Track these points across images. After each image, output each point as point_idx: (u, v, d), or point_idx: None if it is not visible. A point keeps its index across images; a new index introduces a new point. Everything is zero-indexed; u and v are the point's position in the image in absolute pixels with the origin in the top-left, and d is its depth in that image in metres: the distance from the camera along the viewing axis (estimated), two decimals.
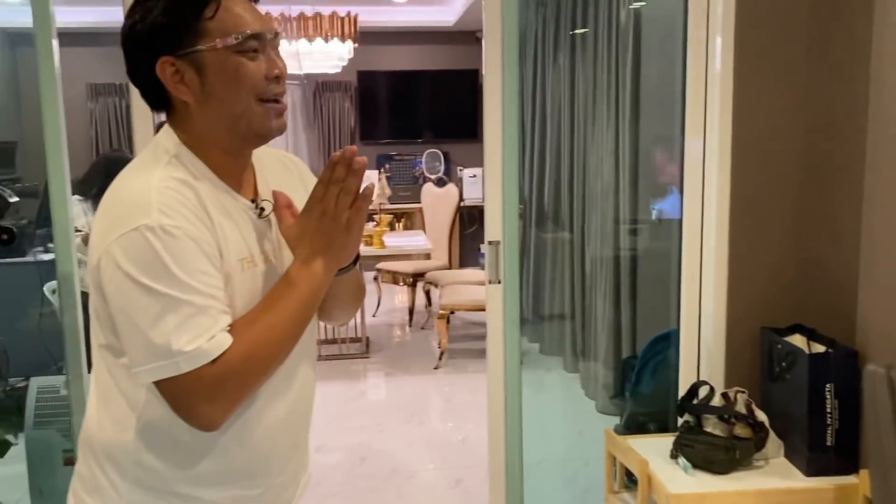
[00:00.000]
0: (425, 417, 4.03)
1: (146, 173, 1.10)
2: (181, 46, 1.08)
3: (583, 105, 3.99)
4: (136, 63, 1.12)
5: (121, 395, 1.16)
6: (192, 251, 1.05)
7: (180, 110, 1.14)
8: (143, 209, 1.04)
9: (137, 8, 1.11)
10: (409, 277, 5.80)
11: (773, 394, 2.34)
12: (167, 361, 1.03)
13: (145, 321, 1.03)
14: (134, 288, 1.03)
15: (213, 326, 1.05)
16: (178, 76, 1.10)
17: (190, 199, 1.08)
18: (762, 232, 2.42)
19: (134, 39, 1.11)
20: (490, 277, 2.55)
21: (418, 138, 7.67)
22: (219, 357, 1.04)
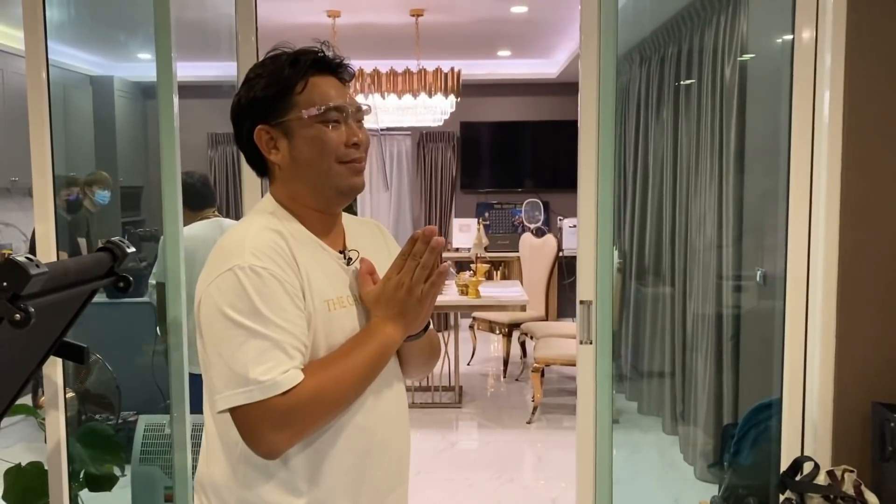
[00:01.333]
0: (516, 474, 3.97)
1: (246, 226, 1.26)
2: (275, 116, 1.25)
3: (686, 159, 3.91)
4: (240, 131, 1.30)
5: (221, 435, 1.26)
6: (276, 290, 1.17)
7: (275, 173, 1.30)
8: (238, 252, 1.18)
9: (245, 85, 1.29)
10: (505, 327, 5.78)
11: (886, 475, 2.17)
12: (243, 389, 1.13)
13: (227, 351, 1.15)
14: (221, 321, 1.15)
15: (288, 361, 1.15)
16: (272, 142, 1.26)
17: (279, 246, 1.21)
18: (873, 298, 2.29)
19: (239, 111, 1.29)
20: (581, 338, 2.51)
21: (518, 187, 7.72)
22: (289, 390, 1.14)
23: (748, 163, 3.25)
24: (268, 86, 1.24)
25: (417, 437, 4.46)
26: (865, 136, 2.25)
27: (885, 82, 2.24)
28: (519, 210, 7.62)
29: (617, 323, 4.79)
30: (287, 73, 1.24)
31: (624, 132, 4.80)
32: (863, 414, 2.29)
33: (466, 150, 7.68)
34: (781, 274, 2.47)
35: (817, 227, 2.34)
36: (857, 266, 2.28)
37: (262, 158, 1.29)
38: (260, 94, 1.25)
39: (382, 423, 1.34)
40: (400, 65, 5.16)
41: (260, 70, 1.27)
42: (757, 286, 3.13)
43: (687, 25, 3.89)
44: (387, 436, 1.36)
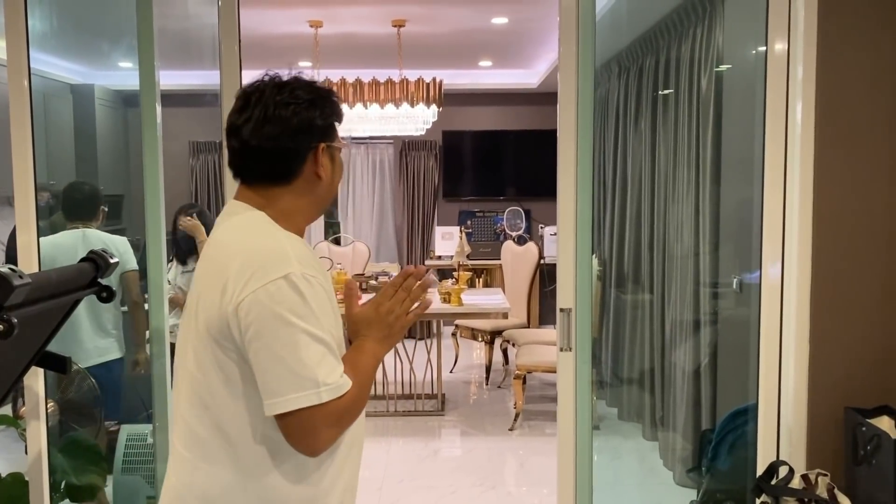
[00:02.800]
0: (498, 480, 3.99)
1: (268, 234, 1.34)
2: (331, 139, 1.43)
3: (664, 168, 3.97)
4: (298, 144, 1.38)
5: (235, 440, 1.31)
6: (322, 298, 1.29)
7: (300, 186, 1.40)
8: (285, 260, 1.26)
9: (315, 105, 1.40)
10: (487, 335, 5.82)
11: (858, 479, 2.23)
12: (313, 391, 1.23)
13: (292, 356, 1.22)
14: (282, 326, 1.22)
15: (339, 365, 1.29)
16: (325, 159, 1.41)
17: (311, 254, 1.38)
18: (846, 307, 2.34)
19: (311, 128, 1.39)
20: (561, 345, 2.55)
21: (500, 195, 7.77)
22: (344, 393, 1.27)
23: (724, 172, 3.31)
24: (335, 113, 1.43)
25: (400, 445, 4.49)
26: (836, 146, 2.31)
27: (855, 93, 2.30)
28: (501, 218, 7.66)
29: (597, 330, 4.84)
30: (338, 107, 1.45)
31: (603, 141, 4.86)
32: (836, 419, 2.34)
33: (449, 158, 7.72)
34: (757, 281, 2.53)
35: (791, 235, 2.39)
36: (830, 274, 2.34)
37: (291, 168, 1.38)
38: (331, 120, 1.42)
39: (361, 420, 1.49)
40: (382, 74, 5.19)
41: (331, 96, 1.44)
42: (734, 293, 3.19)
43: (664, 37, 3.96)
44: (361, 430, 1.52)
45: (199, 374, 1.31)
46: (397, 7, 4.83)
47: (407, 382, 5.34)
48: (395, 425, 4.89)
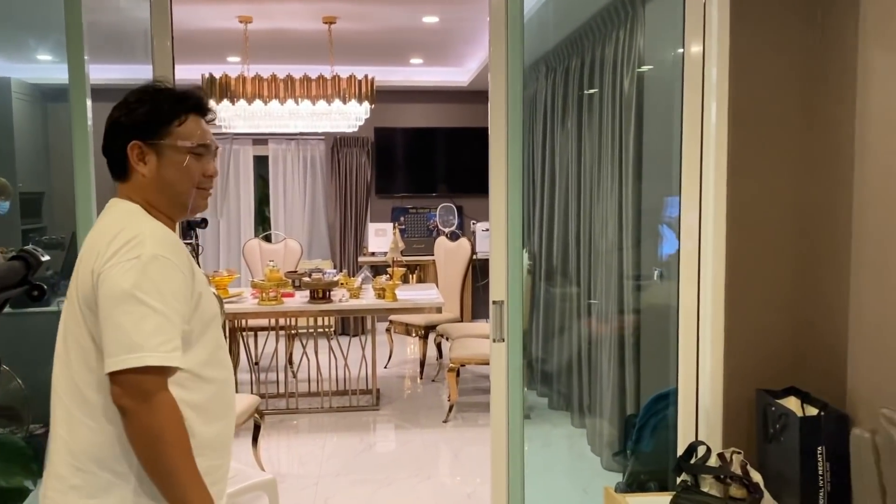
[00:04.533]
0: (433, 471, 4.07)
1: (133, 222, 1.46)
2: (150, 137, 1.51)
3: (589, 166, 4.12)
4: (113, 142, 1.53)
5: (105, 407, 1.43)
6: (174, 279, 1.42)
7: (137, 180, 1.53)
8: (141, 244, 1.40)
9: (125, 107, 1.54)
10: (421, 329, 5.89)
11: (768, 455, 2.39)
12: (138, 354, 1.34)
13: (129, 324, 1.36)
14: (127, 298, 1.36)
15: (175, 341, 1.39)
16: (142, 156, 1.52)
17: (172, 237, 1.49)
18: (758, 297, 2.50)
19: (118, 128, 1.53)
20: (494, 336, 2.64)
21: (433, 192, 7.85)
22: (165, 400, 1.37)
23: (646, 169, 3.46)
24: (150, 112, 1.52)
25: (335, 441, 4.51)
26: (749, 144, 2.47)
27: (766, 93, 2.46)
28: (434, 214, 7.74)
29: (527, 322, 4.97)
30: (170, 107, 1.53)
31: (533, 139, 4.99)
32: (748, 400, 2.50)
33: (381, 155, 7.75)
34: (676, 273, 2.67)
35: (707, 229, 2.54)
36: (743, 266, 2.50)
37: (124, 166, 1.53)
38: (142, 118, 1.51)
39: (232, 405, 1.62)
40: (314, 71, 5.19)
41: (143, 97, 1.54)
42: (655, 285, 3.34)
43: (589, 38, 4.10)
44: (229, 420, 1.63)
45: (76, 344, 1.45)
46: (328, 4, 4.83)
47: (341, 378, 5.37)
48: (329, 421, 4.91)
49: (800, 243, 2.49)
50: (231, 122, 5.31)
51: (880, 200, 2.09)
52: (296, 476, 3.97)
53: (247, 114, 5.15)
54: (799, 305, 2.50)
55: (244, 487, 2.72)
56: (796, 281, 2.50)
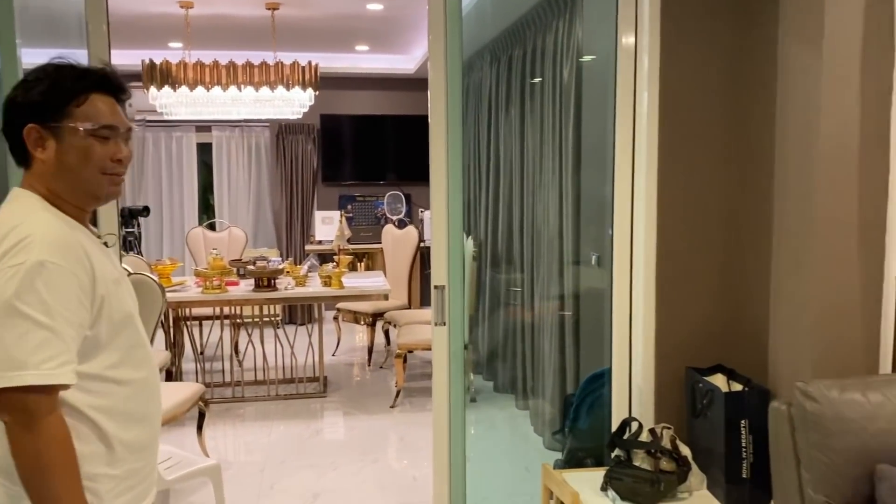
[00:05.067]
0: (380, 455, 4.12)
1: (26, 219, 1.33)
2: (48, 119, 1.38)
3: (532, 154, 4.20)
4: (11, 124, 1.40)
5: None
6: (64, 285, 1.29)
7: (37, 167, 1.41)
8: (27, 248, 1.28)
9: (22, 85, 1.41)
10: (369, 317, 5.92)
11: (696, 430, 2.51)
12: (16, 373, 1.24)
13: (10, 338, 1.25)
14: (8, 310, 1.25)
15: (65, 355, 1.28)
16: (41, 141, 1.39)
17: (70, 236, 1.34)
18: (687, 279, 2.62)
19: (14, 108, 1.40)
20: (436, 320, 2.69)
21: (381, 180, 7.86)
22: (54, 390, 1.28)
23: (585, 157, 3.55)
24: (47, 91, 1.38)
25: (281, 429, 4.52)
26: (679, 133, 2.57)
27: (695, 83, 2.55)
28: (381, 202, 7.75)
29: (473, 308, 5.05)
30: (70, 85, 1.39)
31: (478, 127, 5.05)
32: (678, 378, 2.62)
33: (327, 142, 7.72)
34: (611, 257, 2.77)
35: (639, 216, 2.64)
36: (673, 250, 2.60)
37: (25, 151, 1.40)
38: (38, 98, 1.38)
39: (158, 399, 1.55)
40: (257, 57, 5.14)
41: (41, 75, 1.40)
42: (593, 269, 3.44)
43: (531, 28, 4.17)
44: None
45: None
46: None
47: (288, 367, 5.37)
48: (276, 409, 4.91)
49: (726, 230, 2.60)
50: (173, 109, 5.24)
51: (796, 191, 2.21)
52: (242, 463, 3.98)
53: (189, 100, 5.08)
54: (725, 289, 2.62)
55: (187, 474, 2.73)
56: (723, 266, 2.62)
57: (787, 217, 2.26)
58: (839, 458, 1.84)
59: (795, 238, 2.22)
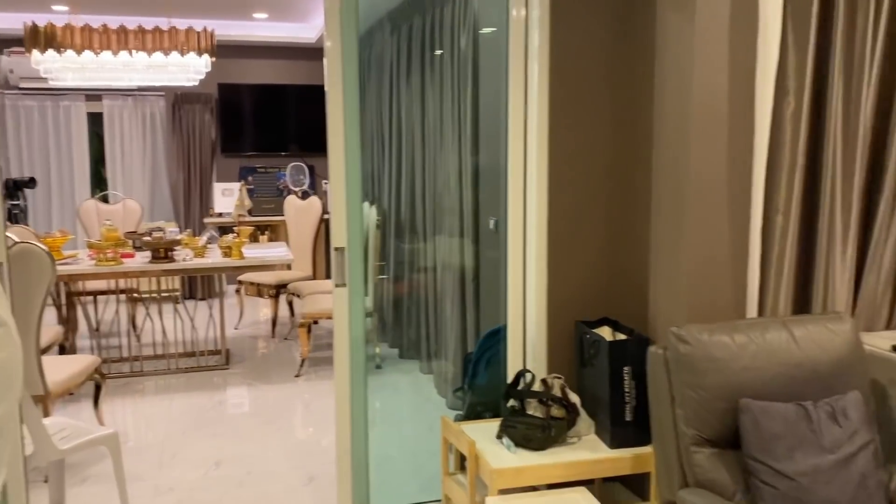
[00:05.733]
0: (284, 424, 4.13)
1: None
2: None
3: (432, 123, 4.26)
4: None
5: None
6: None
7: None
8: None
9: None
10: (272, 289, 5.87)
11: (585, 378, 2.66)
12: None
13: None
14: None
15: None
16: None
17: None
18: (575, 240, 2.76)
19: None
20: (336, 281, 2.73)
21: (283, 151, 7.74)
22: None
23: (483, 125, 3.64)
24: None
25: (182, 401, 4.46)
26: (567, 101, 2.69)
27: (581, 52, 2.67)
28: (283, 174, 7.65)
29: (377, 275, 5.10)
30: None
31: (380, 98, 5.06)
32: (568, 331, 2.76)
33: (226, 112, 7.53)
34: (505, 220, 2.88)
35: (531, 179, 2.75)
36: (562, 213, 2.73)
37: None
38: None
39: None
40: (149, 23, 4.96)
41: None
42: (491, 234, 3.55)
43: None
44: None
45: None
46: None
47: (189, 341, 5.27)
48: (177, 383, 4.83)
49: (611, 191, 2.76)
50: (59, 75, 4.99)
51: (673, 151, 2.36)
52: (141, 435, 3.91)
53: (76, 66, 4.85)
54: (611, 247, 2.78)
55: (82, 443, 2.67)
56: (609, 225, 2.77)
57: (665, 175, 2.42)
58: (708, 394, 2.02)
59: (672, 195, 2.38)
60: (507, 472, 2.33)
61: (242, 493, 3.23)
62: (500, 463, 2.36)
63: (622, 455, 2.43)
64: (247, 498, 3.19)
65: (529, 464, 2.37)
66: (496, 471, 2.32)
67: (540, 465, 2.37)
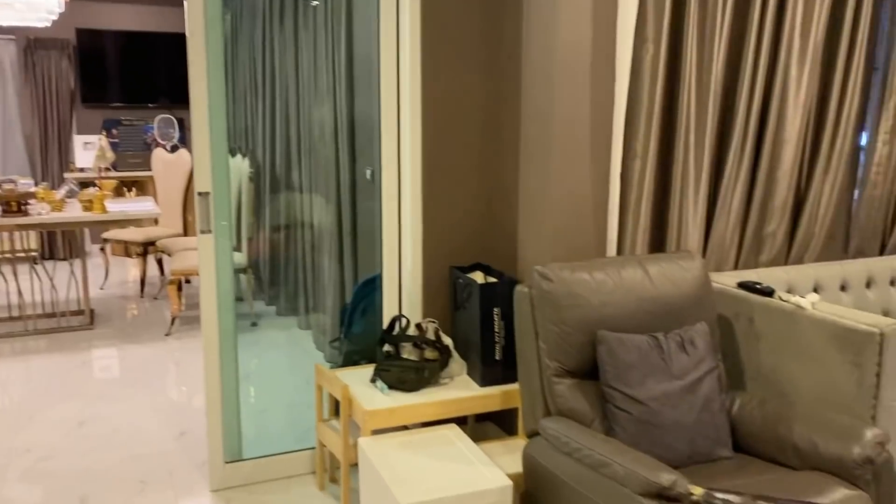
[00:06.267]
0: (154, 383, 3.98)
1: None
2: None
3: (306, 73, 4.15)
4: None
5: None
6: None
7: None
8: None
9: None
10: (140, 247, 5.59)
11: (458, 321, 2.72)
12: None
13: None
14: None
15: None
16: None
17: None
18: (449, 188, 2.78)
19: None
20: (201, 227, 2.63)
21: (151, 103, 7.33)
22: None
23: (357, 74, 3.58)
24: None
25: (41, 364, 4.20)
26: (439, 47, 2.68)
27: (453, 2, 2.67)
28: (151, 127, 7.26)
29: (254, 232, 4.97)
30: None
31: (252, 46, 4.87)
32: (443, 276, 2.80)
33: (87, 60, 7.02)
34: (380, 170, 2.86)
35: (404, 128, 2.74)
36: (437, 160, 2.75)
37: None
38: None
39: None
40: None
41: None
42: (368, 184, 3.53)
43: None
44: None
45: None
46: None
47: (49, 302, 4.96)
48: (35, 345, 4.54)
49: (484, 140, 2.79)
50: None
51: (539, 98, 2.42)
52: None
53: None
54: (484, 194, 2.83)
55: None
56: (481, 172, 2.81)
57: (533, 124, 2.48)
58: (569, 328, 2.11)
59: (538, 141, 2.44)
60: (380, 413, 2.36)
61: (108, 452, 3.10)
62: (373, 404, 2.39)
63: (492, 392, 2.51)
64: (113, 456, 3.06)
65: (402, 404, 2.40)
66: (369, 412, 2.34)
67: (412, 404, 2.41)
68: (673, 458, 2.01)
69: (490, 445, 2.53)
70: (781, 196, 2.71)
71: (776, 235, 2.75)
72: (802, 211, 2.79)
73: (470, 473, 2.10)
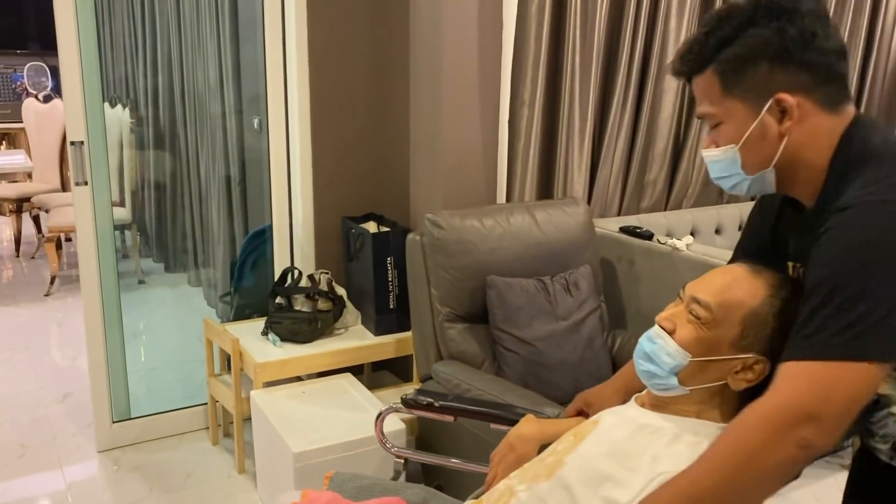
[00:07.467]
0: (34, 345, 3.78)
1: None
2: None
3: (188, 19, 3.95)
4: None
5: None
6: None
7: None
8: None
9: None
10: (13, 203, 5.23)
11: (351, 272, 2.71)
12: None
13: None
14: None
15: None
16: None
17: None
18: (340, 138, 2.74)
19: None
20: (76, 179, 2.49)
21: (20, 49, 6.80)
22: None
23: (242, 22, 3.44)
24: None
25: None
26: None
27: None
28: (21, 75, 6.74)
29: (137, 186, 4.75)
30: None
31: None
32: (335, 227, 2.78)
33: None
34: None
35: (291, 75, 2.67)
36: (325, 110, 2.69)
37: None
38: None
39: None
40: None
41: None
42: (255, 134, 3.42)
43: None
44: None
45: None
46: None
47: None
48: None
49: (374, 90, 2.76)
50: None
51: (428, 49, 2.40)
52: None
53: None
54: (376, 146, 2.80)
55: None
56: (372, 123, 2.78)
57: (422, 74, 2.46)
58: (459, 273, 2.14)
59: (428, 89, 2.43)
60: (272, 365, 2.34)
61: None
62: (265, 357, 2.36)
63: (386, 340, 2.54)
64: None
65: (294, 356, 2.39)
66: (260, 364, 2.31)
67: (305, 356, 2.40)
68: (558, 395, 2.10)
69: (385, 392, 2.56)
70: (662, 144, 2.82)
71: (657, 182, 2.87)
72: (681, 158, 2.92)
73: (363, 420, 2.12)
